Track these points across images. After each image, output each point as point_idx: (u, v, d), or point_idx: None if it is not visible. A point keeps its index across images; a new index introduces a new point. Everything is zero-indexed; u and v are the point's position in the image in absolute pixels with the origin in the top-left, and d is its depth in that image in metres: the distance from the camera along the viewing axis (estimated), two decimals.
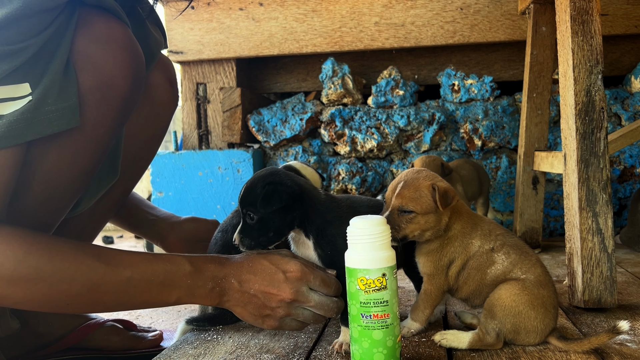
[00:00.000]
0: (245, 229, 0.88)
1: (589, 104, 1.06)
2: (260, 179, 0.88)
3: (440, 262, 0.90)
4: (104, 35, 0.78)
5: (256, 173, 0.90)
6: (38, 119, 0.72)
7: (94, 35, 0.78)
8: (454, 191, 0.87)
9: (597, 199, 1.05)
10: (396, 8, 2.09)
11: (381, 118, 2.11)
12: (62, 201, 0.84)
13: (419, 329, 0.93)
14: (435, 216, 0.86)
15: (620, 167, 2.02)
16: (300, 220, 0.88)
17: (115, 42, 0.79)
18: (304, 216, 0.88)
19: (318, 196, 0.90)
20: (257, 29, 2.16)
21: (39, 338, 1.07)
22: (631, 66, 2.10)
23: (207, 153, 2.11)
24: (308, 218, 0.88)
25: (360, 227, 0.77)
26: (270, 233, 0.87)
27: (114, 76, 0.79)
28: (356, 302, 0.77)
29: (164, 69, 1.09)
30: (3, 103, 0.69)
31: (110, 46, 0.79)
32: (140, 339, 1.14)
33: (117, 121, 0.83)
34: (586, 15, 1.06)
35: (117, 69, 0.79)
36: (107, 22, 0.79)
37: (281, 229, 0.88)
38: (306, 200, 0.88)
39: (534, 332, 0.83)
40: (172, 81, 1.11)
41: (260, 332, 1.00)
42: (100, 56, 0.78)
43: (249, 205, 0.86)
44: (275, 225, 0.87)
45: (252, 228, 0.87)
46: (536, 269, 0.86)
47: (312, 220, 0.88)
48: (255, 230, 0.87)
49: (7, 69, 0.68)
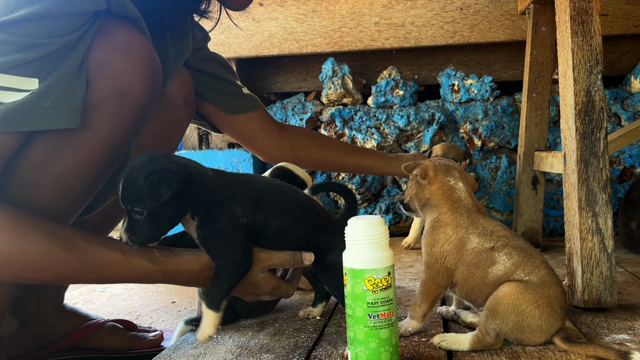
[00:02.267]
0: (134, 226, 0.81)
1: (589, 104, 1.06)
2: (138, 168, 0.79)
3: (433, 248, 0.90)
4: (124, 45, 0.81)
5: (130, 163, 0.82)
6: (35, 112, 0.73)
7: (115, 44, 0.80)
8: (435, 169, 0.93)
9: (597, 199, 1.05)
10: (396, 8, 2.09)
11: (381, 118, 2.11)
12: (75, 203, 0.85)
13: (417, 327, 0.93)
14: (415, 185, 0.95)
15: (620, 167, 2.02)
16: (193, 204, 0.83)
17: (136, 52, 0.81)
18: (194, 198, 0.83)
19: (206, 174, 0.85)
20: (257, 29, 2.16)
21: (39, 338, 1.07)
22: (631, 66, 2.10)
23: (207, 153, 2.11)
24: (197, 199, 0.83)
25: (360, 227, 0.77)
26: (163, 224, 0.82)
27: (133, 85, 0.81)
28: (362, 303, 0.76)
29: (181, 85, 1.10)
30: (7, 91, 0.71)
31: (130, 56, 0.81)
32: (141, 339, 1.14)
33: (132, 128, 0.85)
34: (586, 15, 1.06)
35: (135, 78, 0.81)
36: (129, 32, 0.82)
37: (174, 217, 0.82)
38: (195, 180, 0.83)
39: (539, 331, 0.82)
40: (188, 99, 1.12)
41: (260, 332, 1.00)
42: (120, 65, 0.80)
43: (134, 201, 0.79)
44: (168, 216, 0.81)
45: (141, 224, 0.80)
46: (540, 271, 0.85)
47: (200, 200, 0.83)
48: (145, 226, 0.80)
49: (19, 59, 0.70)
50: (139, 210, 0.79)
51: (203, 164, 0.89)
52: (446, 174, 0.93)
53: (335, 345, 0.91)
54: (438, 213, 0.92)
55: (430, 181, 0.93)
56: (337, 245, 0.92)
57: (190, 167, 0.84)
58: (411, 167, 0.97)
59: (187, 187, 0.81)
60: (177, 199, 0.80)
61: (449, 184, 0.93)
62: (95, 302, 1.58)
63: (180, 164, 0.83)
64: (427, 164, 0.95)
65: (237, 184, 0.87)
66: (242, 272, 0.85)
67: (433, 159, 0.96)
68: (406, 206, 0.98)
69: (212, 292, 0.85)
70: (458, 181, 0.93)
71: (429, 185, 0.93)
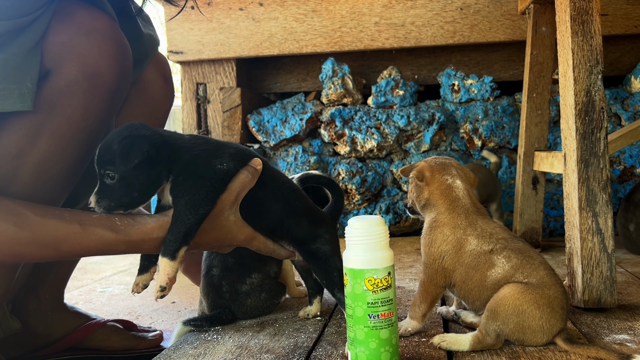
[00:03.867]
0: (104, 190, 0.79)
1: (589, 104, 1.06)
2: (115, 134, 0.79)
3: (431, 248, 0.90)
4: (87, 27, 0.79)
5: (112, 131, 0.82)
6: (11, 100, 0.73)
7: (77, 26, 0.79)
8: (431, 169, 0.93)
9: (597, 199, 1.05)
10: (396, 8, 2.09)
11: (381, 118, 2.11)
12: (56, 191, 0.85)
13: (417, 327, 0.93)
14: (415, 188, 0.95)
15: (620, 167, 2.02)
16: (167, 173, 0.81)
17: (99, 33, 0.80)
18: (170, 166, 0.81)
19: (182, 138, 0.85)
20: (257, 29, 2.16)
21: (39, 338, 1.07)
22: (631, 66, 2.10)
23: None
24: (173, 165, 0.82)
25: (360, 227, 0.77)
26: (134, 193, 0.80)
27: (100, 66, 0.80)
28: (362, 303, 0.76)
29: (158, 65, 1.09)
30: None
31: (94, 37, 0.80)
32: (141, 339, 1.14)
33: (105, 112, 0.84)
34: (586, 15, 1.06)
35: (102, 59, 0.80)
36: (90, 14, 0.81)
37: (147, 187, 0.80)
38: (170, 147, 0.82)
39: (541, 332, 0.82)
40: (166, 77, 1.11)
41: (260, 332, 1.00)
42: (84, 47, 0.79)
43: (106, 163, 0.78)
44: (140, 183, 0.79)
45: (111, 188, 0.79)
46: (539, 272, 0.84)
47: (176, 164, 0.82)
48: (115, 190, 0.79)
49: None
50: (110, 174, 0.78)
51: None
52: (443, 173, 0.93)
53: (335, 345, 0.91)
54: (436, 213, 0.92)
55: (428, 182, 0.93)
56: (321, 234, 0.93)
57: (164, 135, 0.82)
58: (408, 170, 0.97)
59: (161, 153, 0.80)
60: (149, 166, 0.79)
61: (447, 182, 0.92)
62: (95, 302, 1.58)
63: (157, 131, 0.82)
64: (423, 164, 0.95)
65: (219, 144, 0.86)
66: (201, 213, 0.81)
67: (429, 159, 0.96)
68: (410, 209, 0.98)
69: (168, 237, 0.80)
70: (456, 179, 0.93)
71: (427, 185, 0.93)
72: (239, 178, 0.84)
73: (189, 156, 0.82)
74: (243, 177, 0.85)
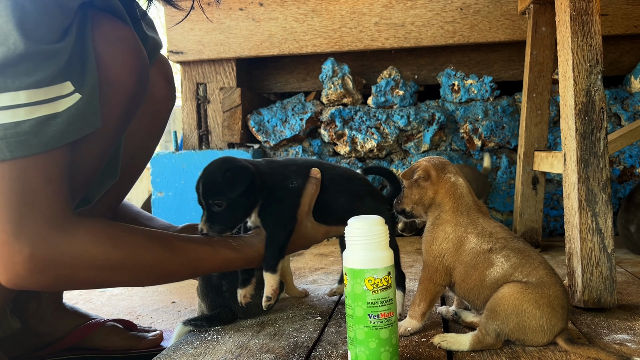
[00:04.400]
0: (212, 218, 0.93)
1: (589, 104, 1.06)
2: (216, 169, 0.93)
3: (432, 246, 0.90)
4: (112, 36, 0.83)
5: (206, 167, 0.95)
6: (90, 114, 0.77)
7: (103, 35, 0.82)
8: (435, 168, 0.93)
9: (597, 199, 1.05)
10: (396, 8, 2.09)
11: (381, 118, 2.11)
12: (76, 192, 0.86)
13: (417, 327, 0.93)
14: (417, 190, 0.93)
15: (620, 167, 2.02)
16: (259, 196, 0.95)
17: (122, 42, 0.84)
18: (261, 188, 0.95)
19: (261, 165, 0.98)
20: (257, 29, 2.16)
21: (39, 338, 1.07)
22: (631, 66, 2.10)
23: (207, 153, 2.11)
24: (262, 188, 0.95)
25: (360, 228, 0.77)
26: (238, 215, 0.94)
27: (122, 74, 0.83)
28: (362, 303, 0.76)
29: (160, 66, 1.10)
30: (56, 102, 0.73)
31: (118, 46, 0.83)
32: (141, 339, 1.14)
33: (123, 117, 0.87)
34: (586, 15, 1.06)
35: (124, 67, 0.83)
36: (115, 24, 0.84)
37: (247, 208, 0.95)
38: (259, 173, 0.95)
39: (541, 332, 0.82)
40: (168, 78, 1.12)
41: (260, 332, 1.00)
42: (109, 55, 0.82)
43: (215, 194, 0.91)
44: (244, 206, 0.94)
45: (220, 215, 0.92)
46: (538, 272, 0.84)
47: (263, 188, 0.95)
48: (224, 216, 0.92)
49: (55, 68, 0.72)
50: (219, 203, 0.91)
51: (203, 164, 0.97)
52: (445, 171, 0.93)
53: (335, 345, 0.91)
54: (440, 211, 0.92)
55: (434, 181, 0.92)
56: (383, 211, 1.02)
57: (254, 164, 0.97)
58: (410, 173, 0.95)
59: (255, 179, 0.94)
60: (248, 191, 0.93)
61: (451, 180, 0.92)
62: (95, 302, 1.58)
63: (248, 161, 0.97)
64: (426, 164, 0.94)
65: (283, 164, 1.01)
66: (288, 230, 0.96)
67: (428, 159, 0.96)
68: (408, 214, 0.96)
69: (267, 254, 0.95)
70: (457, 177, 0.93)
71: (432, 185, 0.92)
72: (307, 191, 0.99)
73: (271, 181, 0.96)
74: (310, 189, 0.99)
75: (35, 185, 0.74)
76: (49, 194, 0.75)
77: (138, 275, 0.84)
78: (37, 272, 0.74)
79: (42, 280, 0.75)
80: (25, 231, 0.73)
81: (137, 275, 0.84)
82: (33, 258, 0.73)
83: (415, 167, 0.95)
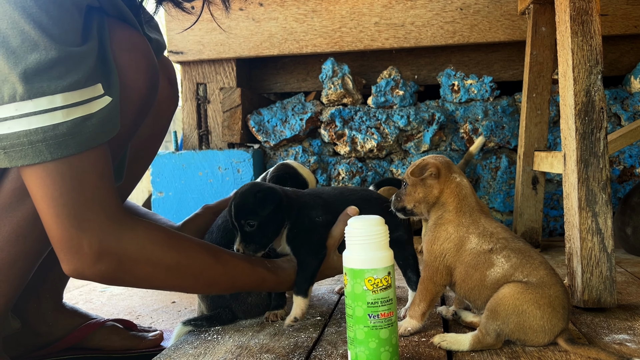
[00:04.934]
0: (246, 237, 0.97)
1: (589, 104, 1.06)
2: (248, 192, 0.99)
3: (434, 245, 0.90)
4: (127, 43, 0.86)
5: (236, 192, 1.01)
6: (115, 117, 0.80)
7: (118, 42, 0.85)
8: (442, 167, 0.92)
9: (597, 199, 1.05)
10: (396, 8, 2.09)
11: (381, 118, 2.11)
12: None
13: (417, 327, 0.93)
14: (422, 188, 0.92)
15: (619, 167, 2.02)
16: (287, 218, 0.99)
17: (137, 50, 0.87)
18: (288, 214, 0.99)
19: (288, 192, 1.02)
20: (257, 29, 2.16)
21: (39, 338, 1.07)
22: (631, 66, 2.10)
23: (207, 153, 2.11)
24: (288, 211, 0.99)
25: (360, 228, 0.77)
26: (269, 234, 0.98)
27: (136, 79, 0.86)
28: (362, 303, 0.76)
29: (163, 68, 1.11)
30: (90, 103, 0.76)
31: (133, 53, 0.86)
32: (141, 339, 1.14)
33: (135, 122, 0.89)
34: (586, 15, 1.06)
35: (138, 73, 0.86)
36: (128, 31, 0.87)
37: (277, 227, 0.99)
38: (286, 196, 1.00)
39: (542, 332, 0.82)
40: (171, 80, 1.13)
41: (261, 332, 1.00)
42: (124, 61, 0.85)
43: (247, 215, 0.97)
44: (274, 225, 0.98)
45: (253, 234, 0.97)
46: (539, 272, 0.84)
47: (289, 211, 1.00)
48: (257, 235, 0.97)
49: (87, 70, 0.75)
50: (251, 223, 0.96)
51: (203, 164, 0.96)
52: (451, 171, 0.93)
53: (335, 345, 0.91)
54: (443, 211, 0.92)
55: (441, 180, 0.92)
56: (399, 225, 1.04)
57: (280, 187, 1.02)
58: (418, 171, 0.92)
59: (282, 201, 0.98)
60: (277, 211, 0.97)
61: (456, 180, 0.92)
62: (95, 302, 1.59)
63: (274, 185, 1.03)
64: (433, 162, 0.93)
65: (314, 195, 1.05)
66: (320, 258, 1.00)
67: (433, 156, 0.95)
68: (408, 212, 0.95)
69: (298, 279, 0.99)
70: (462, 177, 0.93)
71: (439, 184, 0.92)
72: (339, 228, 1.02)
73: (297, 206, 1.00)
74: (341, 227, 1.01)
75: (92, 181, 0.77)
76: (105, 189, 0.79)
77: (187, 279, 0.88)
78: (102, 262, 0.78)
79: (105, 271, 0.79)
80: (89, 224, 0.77)
81: (186, 279, 0.88)
82: (100, 249, 0.77)
83: (422, 164, 0.93)
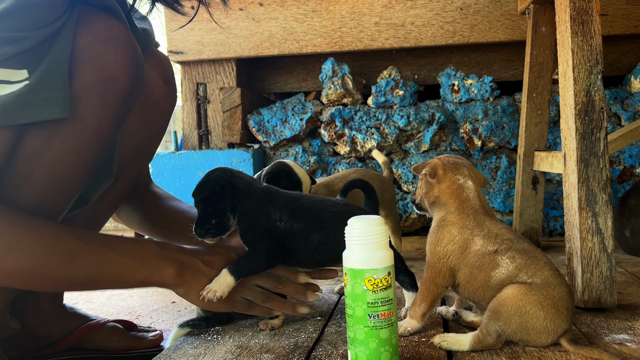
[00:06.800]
0: (198, 220, 0.98)
1: (589, 104, 1.06)
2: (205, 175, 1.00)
3: (437, 247, 0.90)
4: (105, 33, 0.82)
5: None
6: (32, 103, 0.74)
7: (95, 32, 0.81)
8: (444, 167, 0.93)
9: (597, 199, 1.05)
10: (396, 8, 2.09)
11: (381, 118, 2.11)
12: (67, 194, 0.86)
13: (417, 327, 0.93)
14: (425, 185, 0.95)
15: (620, 167, 2.02)
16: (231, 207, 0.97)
17: (116, 40, 0.82)
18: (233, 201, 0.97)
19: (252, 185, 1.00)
20: (257, 29, 2.16)
21: (39, 339, 1.07)
22: (631, 66, 2.10)
23: (207, 153, 2.11)
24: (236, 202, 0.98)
25: (360, 228, 0.77)
26: (212, 220, 0.97)
27: (115, 71, 0.82)
28: (362, 303, 0.76)
29: (158, 66, 1.07)
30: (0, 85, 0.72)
31: (111, 43, 0.82)
32: (141, 339, 1.14)
33: (118, 116, 0.86)
34: (586, 15, 1.06)
35: (117, 65, 0.82)
36: (108, 21, 0.83)
37: (218, 214, 0.97)
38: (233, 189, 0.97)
39: (545, 333, 0.81)
40: (166, 79, 1.09)
41: (261, 332, 1.00)
42: (102, 52, 0.81)
43: (193, 195, 0.99)
44: (214, 211, 0.97)
45: (200, 217, 0.98)
46: (543, 272, 0.84)
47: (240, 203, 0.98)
48: (202, 219, 0.98)
49: (8, 52, 0.71)
50: (197, 205, 0.98)
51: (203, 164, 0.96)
52: (455, 172, 0.93)
53: (335, 345, 0.91)
54: (445, 212, 0.92)
55: (440, 180, 0.92)
56: None
57: (237, 178, 0.98)
58: (420, 167, 0.96)
59: (226, 190, 0.96)
60: (217, 198, 0.96)
61: (458, 182, 0.92)
62: (95, 302, 1.58)
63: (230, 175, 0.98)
64: (436, 162, 0.94)
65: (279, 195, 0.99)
66: (272, 262, 0.96)
67: (442, 157, 0.96)
68: (418, 206, 0.98)
69: (242, 262, 0.94)
70: (467, 179, 0.92)
71: (438, 184, 0.93)
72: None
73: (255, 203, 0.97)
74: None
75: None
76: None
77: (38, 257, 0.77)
78: None
79: None
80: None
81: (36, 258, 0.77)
82: None
83: (427, 163, 0.96)
